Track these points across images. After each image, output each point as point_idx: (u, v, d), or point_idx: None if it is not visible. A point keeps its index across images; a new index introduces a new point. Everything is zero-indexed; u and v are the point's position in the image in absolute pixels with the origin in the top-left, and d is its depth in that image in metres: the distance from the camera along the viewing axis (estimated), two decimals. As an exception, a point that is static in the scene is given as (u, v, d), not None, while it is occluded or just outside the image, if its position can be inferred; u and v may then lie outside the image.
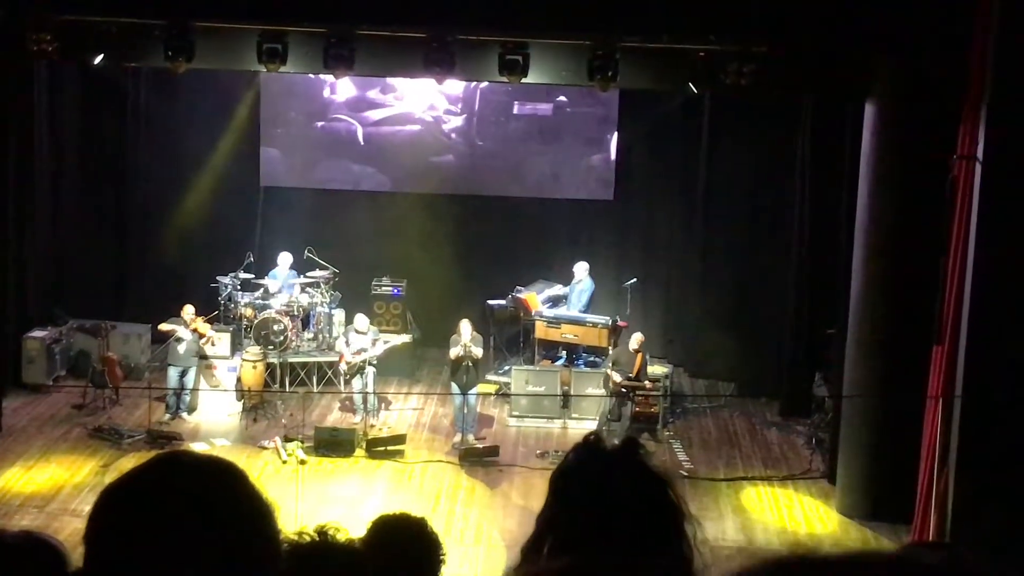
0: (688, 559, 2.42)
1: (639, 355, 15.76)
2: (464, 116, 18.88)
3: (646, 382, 15.90)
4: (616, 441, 2.56)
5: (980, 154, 11.80)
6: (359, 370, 15.97)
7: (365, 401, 15.98)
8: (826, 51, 13.65)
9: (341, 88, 18.72)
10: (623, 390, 15.62)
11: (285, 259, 17.76)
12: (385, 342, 16.23)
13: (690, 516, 2.46)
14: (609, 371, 15.81)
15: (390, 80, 18.21)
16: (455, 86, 17.82)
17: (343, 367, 16.27)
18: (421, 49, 13.52)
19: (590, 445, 2.52)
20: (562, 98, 18.55)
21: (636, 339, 15.87)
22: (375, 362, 16.10)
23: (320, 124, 18.99)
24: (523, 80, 13.94)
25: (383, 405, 16.69)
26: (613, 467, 2.47)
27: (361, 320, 16.22)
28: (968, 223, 11.98)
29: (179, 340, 15.92)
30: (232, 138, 18.63)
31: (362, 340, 16.02)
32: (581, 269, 17.64)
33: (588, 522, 2.40)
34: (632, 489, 2.43)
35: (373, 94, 18.78)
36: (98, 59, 14.07)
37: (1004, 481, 11.74)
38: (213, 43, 13.91)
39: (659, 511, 2.43)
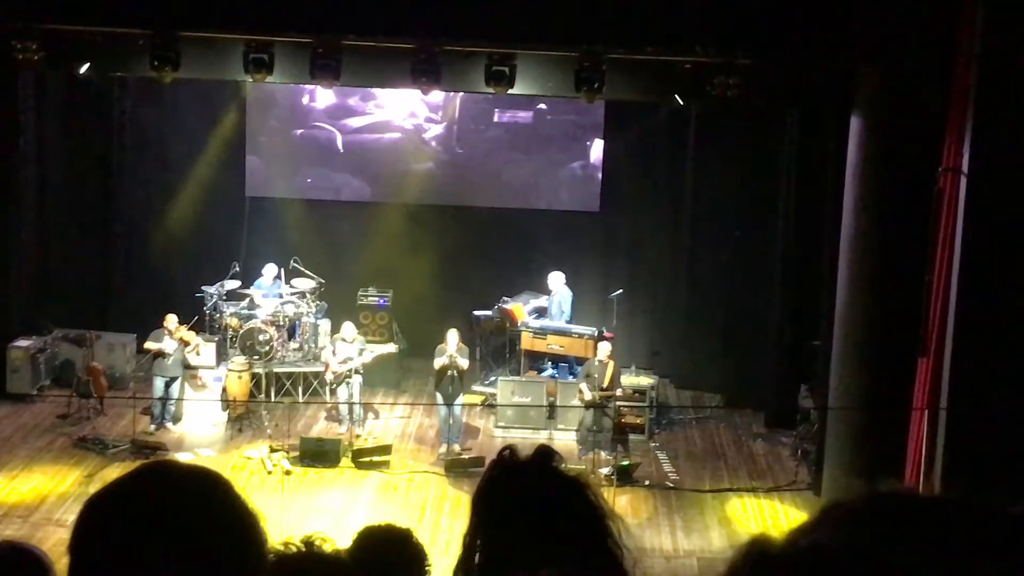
0: (617, 557, 2.43)
1: (609, 365, 15.68)
2: (444, 124, 18.88)
3: (618, 391, 15.82)
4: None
5: (965, 167, 11.84)
6: (345, 380, 15.95)
7: (351, 411, 15.95)
8: (811, 63, 13.69)
9: (320, 96, 18.70)
10: (598, 402, 15.53)
11: (270, 270, 17.72)
12: (371, 352, 16.21)
13: (612, 515, 2.46)
14: (581, 386, 15.73)
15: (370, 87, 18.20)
16: (435, 93, 17.77)
17: (329, 376, 16.24)
18: (408, 60, 13.53)
19: (504, 459, 2.53)
20: (542, 106, 18.56)
21: (603, 350, 15.77)
22: (361, 371, 16.08)
23: (299, 132, 18.97)
24: (509, 91, 13.97)
25: (370, 415, 16.66)
26: (528, 477, 2.47)
27: (348, 329, 16.18)
28: (953, 235, 12.01)
29: (164, 355, 15.93)
30: (218, 147, 18.60)
31: (348, 349, 16.00)
32: (556, 280, 17.59)
33: (512, 535, 2.40)
34: (549, 496, 2.44)
35: (353, 102, 18.75)
36: (84, 68, 14.06)
37: (990, 493, 11.74)
38: (199, 53, 13.90)
39: (580, 514, 2.43)
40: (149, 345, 16.03)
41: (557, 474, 2.49)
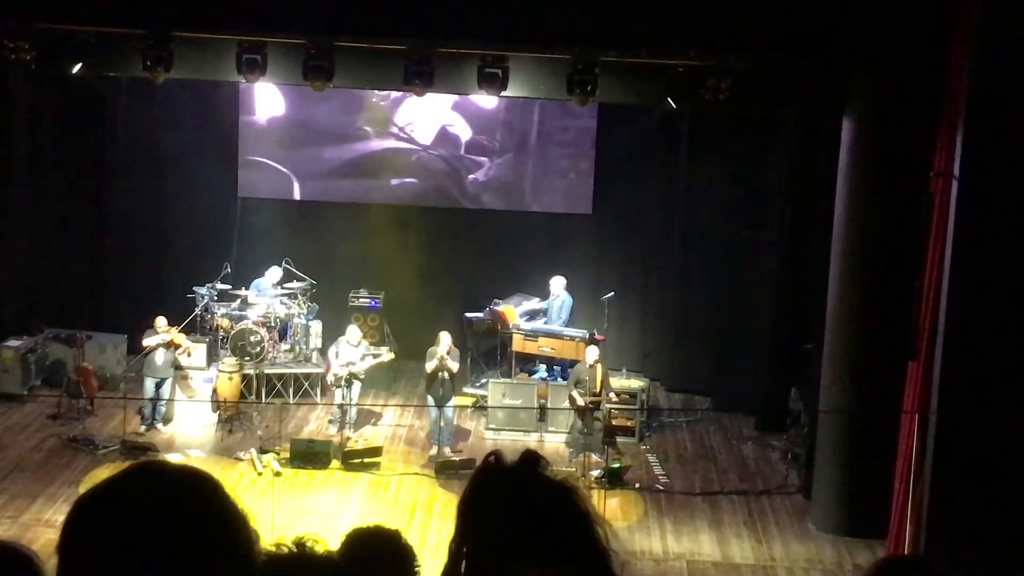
0: (604, 562, 2.43)
1: (598, 368, 15.66)
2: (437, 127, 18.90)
3: (611, 394, 15.82)
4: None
5: (956, 171, 11.87)
6: (346, 383, 15.87)
7: (344, 413, 15.92)
8: (804, 67, 13.70)
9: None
10: (590, 406, 15.50)
11: (274, 273, 17.63)
12: (375, 356, 16.15)
13: (599, 519, 2.46)
14: (573, 392, 15.71)
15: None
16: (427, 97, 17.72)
17: (330, 379, 16.17)
18: (401, 62, 13.53)
19: (490, 465, 2.53)
20: (535, 109, 18.56)
21: (591, 354, 15.71)
22: (363, 377, 16.04)
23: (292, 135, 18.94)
24: (502, 94, 13.97)
25: (374, 419, 16.64)
26: (514, 483, 2.47)
27: (353, 332, 16.13)
28: (944, 240, 12.04)
29: (158, 348, 15.88)
30: (210, 148, 18.57)
31: (352, 353, 15.94)
32: (558, 284, 17.61)
33: (498, 541, 2.40)
34: (537, 502, 2.43)
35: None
36: (76, 68, 14.03)
37: (978, 496, 11.78)
38: (192, 53, 13.87)
39: (567, 520, 2.43)
40: (148, 342, 15.93)
41: (543, 479, 2.49)
